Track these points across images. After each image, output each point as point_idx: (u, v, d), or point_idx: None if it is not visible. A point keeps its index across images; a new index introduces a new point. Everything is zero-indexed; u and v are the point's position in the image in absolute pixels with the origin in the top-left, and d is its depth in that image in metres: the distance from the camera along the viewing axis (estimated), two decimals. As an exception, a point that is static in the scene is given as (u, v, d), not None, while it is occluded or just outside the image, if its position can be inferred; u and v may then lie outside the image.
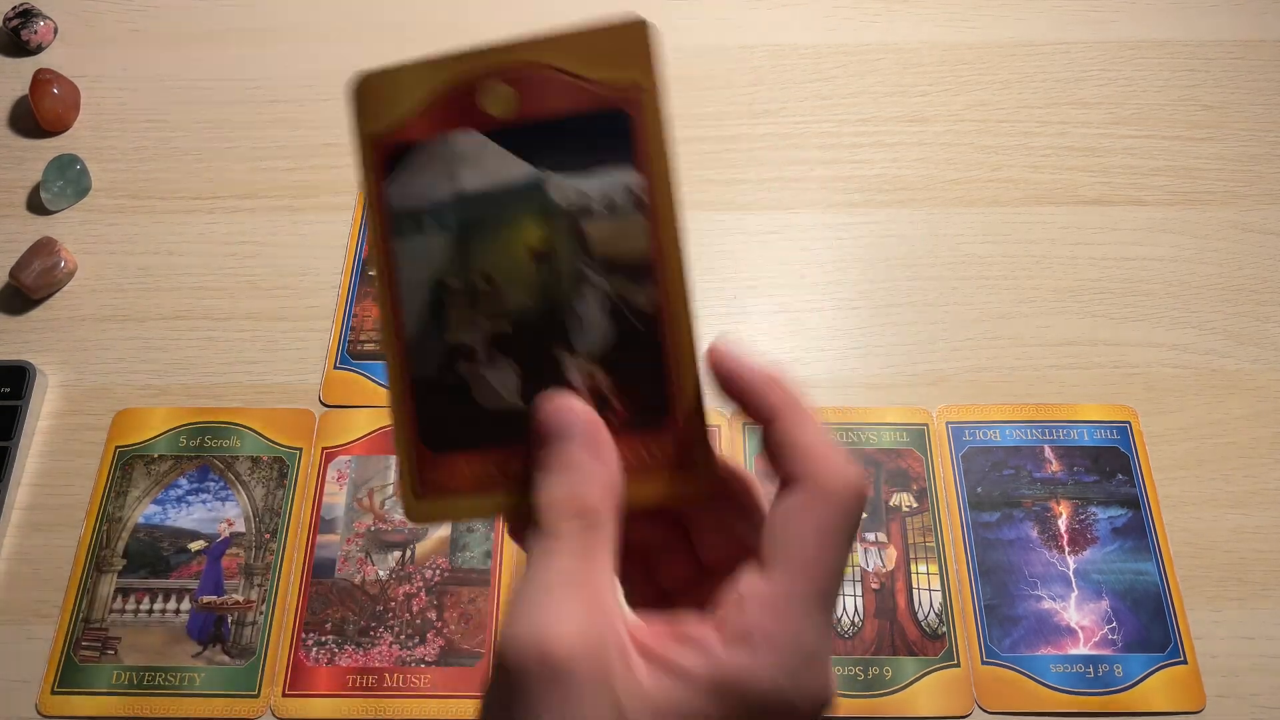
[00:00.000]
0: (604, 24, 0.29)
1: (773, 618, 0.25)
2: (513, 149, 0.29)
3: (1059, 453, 0.51)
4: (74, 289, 0.57)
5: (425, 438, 0.30)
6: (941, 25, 0.66)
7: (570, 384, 0.29)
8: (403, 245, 0.30)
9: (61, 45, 0.67)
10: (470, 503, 0.29)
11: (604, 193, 0.29)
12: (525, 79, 0.30)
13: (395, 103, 0.30)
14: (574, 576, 0.25)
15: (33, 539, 0.50)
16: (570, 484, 0.27)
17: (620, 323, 0.29)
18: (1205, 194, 0.59)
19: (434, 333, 0.30)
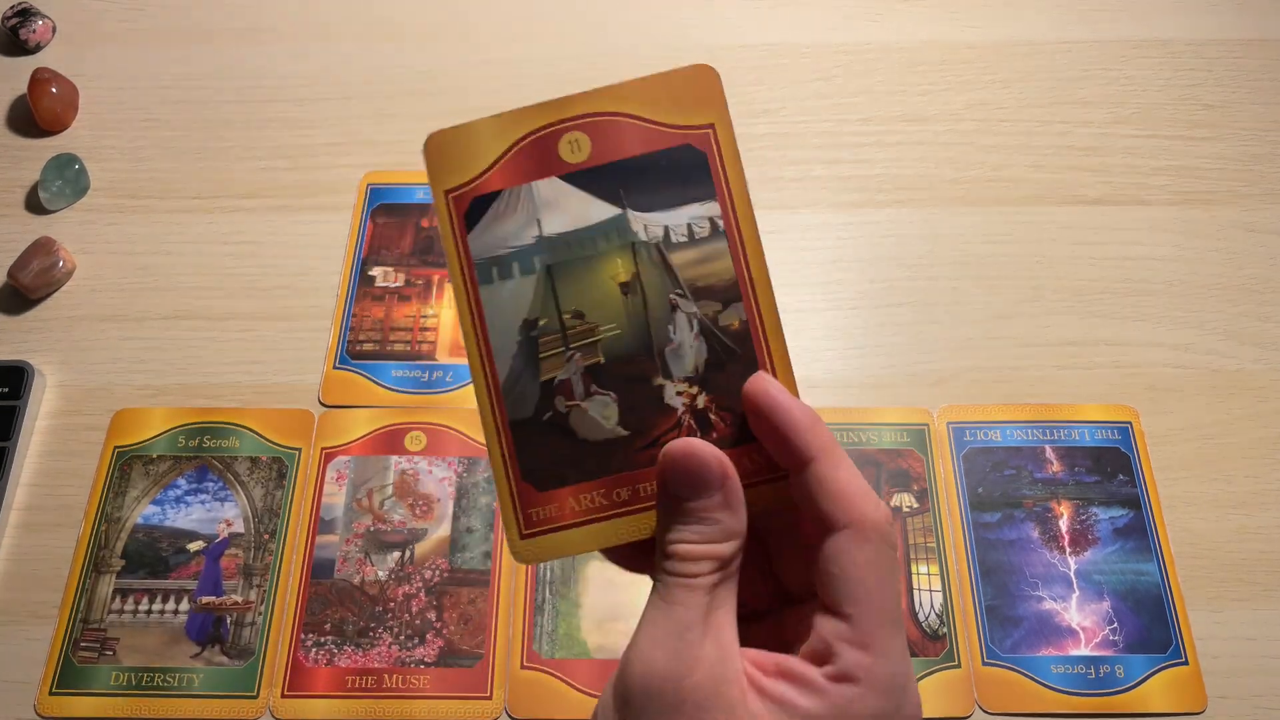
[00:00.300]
0: (674, 73, 0.32)
1: (868, 655, 0.27)
2: (592, 191, 0.31)
3: (1060, 453, 0.51)
4: (72, 289, 0.57)
5: (528, 477, 0.31)
6: (942, 25, 0.66)
7: (670, 406, 0.31)
8: (489, 292, 0.31)
9: (60, 44, 0.66)
10: (578, 535, 0.31)
11: (685, 223, 0.31)
12: (599, 126, 0.32)
13: (471, 157, 0.32)
14: (707, 620, 0.28)
15: (31, 539, 0.50)
16: (709, 535, 0.29)
17: (713, 343, 0.31)
18: (1207, 193, 0.59)
19: (528, 374, 0.31)
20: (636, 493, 0.30)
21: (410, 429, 0.52)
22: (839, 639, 0.28)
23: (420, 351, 0.54)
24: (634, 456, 0.31)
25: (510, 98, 0.67)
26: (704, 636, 0.27)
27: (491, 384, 0.31)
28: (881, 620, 0.28)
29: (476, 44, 0.65)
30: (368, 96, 0.63)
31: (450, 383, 0.53)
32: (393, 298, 0.56)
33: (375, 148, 0.61)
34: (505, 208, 0.32)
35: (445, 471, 0.51)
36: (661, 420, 0.31)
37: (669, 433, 0.31)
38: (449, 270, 0.32)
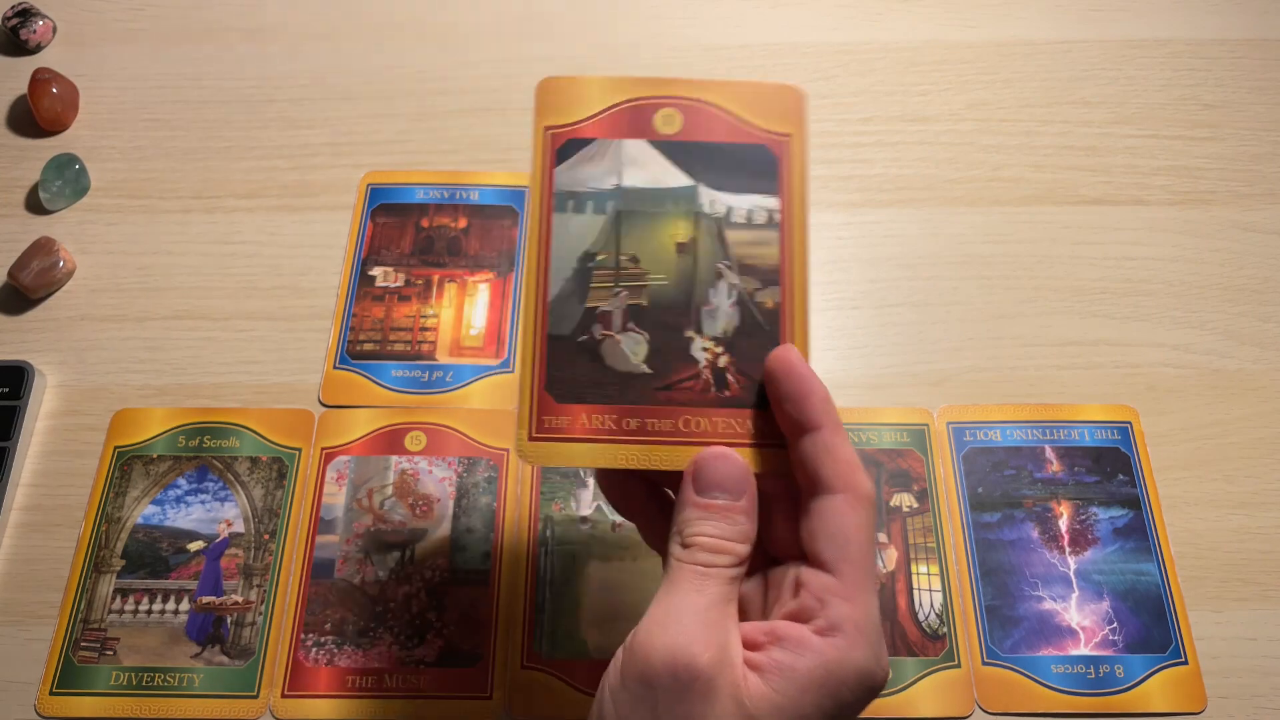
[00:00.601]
0: (768, 84, 0.36)
1: (854, 607, 0.30)
2: (673, 160, 0.35)
3: (1060, 453, 0.51)
4: (72, 289, 0.57)
5: (550, 388, 0.34)
6: (942, 24, 0.66)
7: (694, 358, 0.34)
8: (561, 220, 0.35)
9: (60, 44, 0.66)
10: (582, 449, 0.33)
11: (747, 209, 0.35)
12: (693, 109, 0.36)
13: (575, 105, 0.36)
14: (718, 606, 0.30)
15: (31, 539, 0.50)
16: (729, 534, 0.32)
17: (746, 314, 0.34)
18: (1207, 193, 0.59)
19: (575, 297, 0.35)
20: (644, 426, 0.34)
21: (410, 429, 0.52)
22: (828, 592, 0.30)
23: (420, 351, 0.54)
24: (651, 393, 0.34)
25: (510, 97, 0.68)
26: (715, 623, 0.30)
27: (541, 297, 0.34)
28: (865, 577, 0.31)
29: (476, 44, 0.65)
30: (368, 96, 0.63)
31: (450, 383, 0.53)
32: (393, 298, 0.56)
33: (375, 148, 0.61)
34: (594, 154, 0.36)
35: (445, 471, 0.51)
36: (684, 368, 0.34)
37: (687, 380, 0.34)
38: (530, 193, 0.36)
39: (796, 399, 0.32)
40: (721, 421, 0.34)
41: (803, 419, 0.32)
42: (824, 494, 0.31)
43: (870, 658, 0.30)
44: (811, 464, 0.32)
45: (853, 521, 0.31)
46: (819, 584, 0.31)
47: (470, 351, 0.54)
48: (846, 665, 0.29)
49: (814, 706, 0.29)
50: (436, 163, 0.61)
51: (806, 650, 0.30)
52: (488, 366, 0.54)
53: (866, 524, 0.31)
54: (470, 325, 0.55)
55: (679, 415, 0.34)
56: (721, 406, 0.34)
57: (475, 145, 0.61)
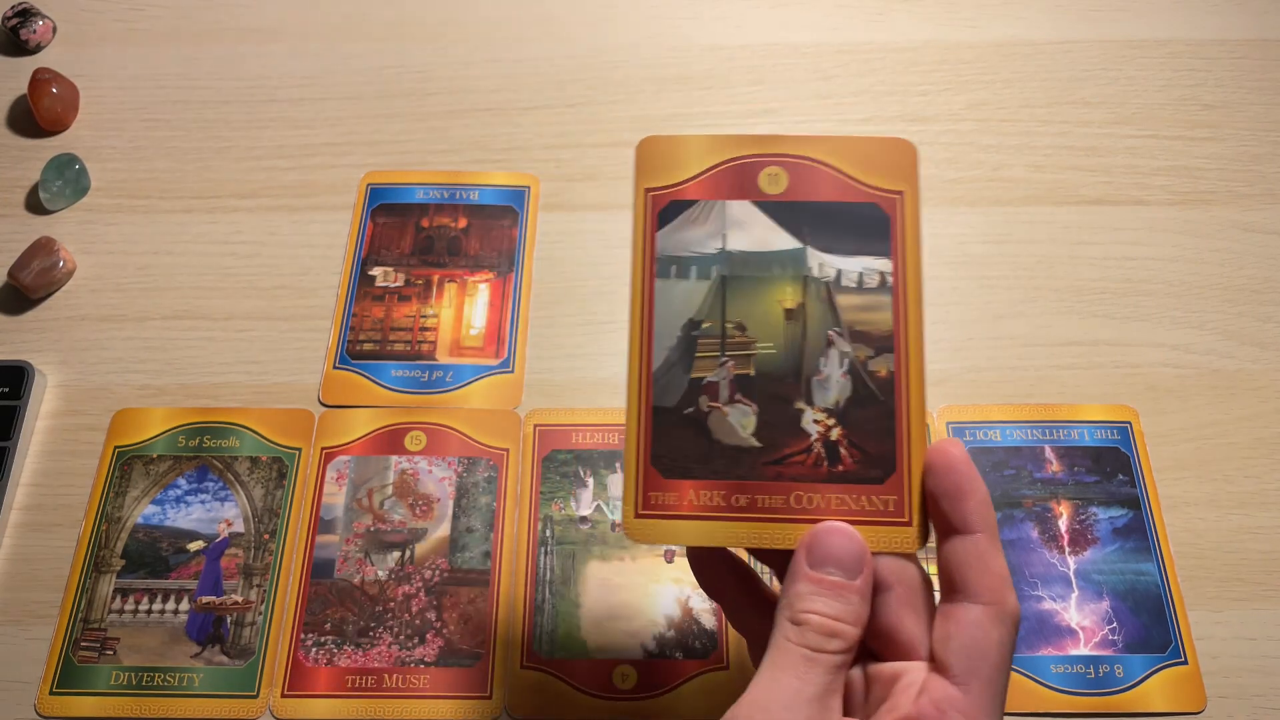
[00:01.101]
0: (876, 139, 0.34)
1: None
2: (779, 221, 0.34)
3: (1059, 453, 0.51)
4: (73, 289, 0.57)
5: (656, 462, 0.33)
6: (942, 25, 0.66)
7: (805, 431, 0.33)
8: (664, 286, 0.34)
9: (60, 44, 0.66)
10: (689, 527, 0.32)
11: (858, 271, 0.34)
12: (799, 167, 0.34)
13: (676, 165, 0.35)
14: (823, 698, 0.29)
15: (31, 539, 0.50)
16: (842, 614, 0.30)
17: (858, 385, 0.33)
18: (1207, 194, 0.59)
19: (680, 367, 0.33)
20: (754, 503, 0.32)
21: (410, 429, 0.52)
22: (952, 706, 0.29)
23: (420, 351, 0.54)
24: (760, 468, 0.32)
25: (510, 98, 0.68)
26: (819, 714, 0.29)
27: (645, 368, 0.33)
28: (995, 699, 0.29)
29: (476, 44, 0.66)
30: (368, 96, 0.63)
31: (450, 383, 0.53)
32: (393, 298, 0.56)
33: (375, 148, 0.61)
34: (697, 216, 0.34)
35: (445, 471, 0.51)
36: (794, 441, 0.33)
37: (798, 455, 0.32)
38: (632, 259, 0.34)
39: (954, 498, 0.31)
40: (835, 498, 0.32)
41: (958, 520, 0.31)
42: (967, 601, 0.30)
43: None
44: (959, 569, 0.30)
45: (994, 638, 0.29)
46: (943, 694, 0.29)
47: (470, 351, 0.54)
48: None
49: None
50: (436, 163, 0.61)
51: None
52: (488, 366, 0.54)
53: (1005, 642, 0.29)
54: (470, 325, 0.55)
55: (790, 491, 0.32)
56: (834, 482, 0.32)
57: (475, 145, 0.61)
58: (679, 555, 0.49)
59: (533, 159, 0.61)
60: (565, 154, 0.61)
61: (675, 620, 0.47)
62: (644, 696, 0.46)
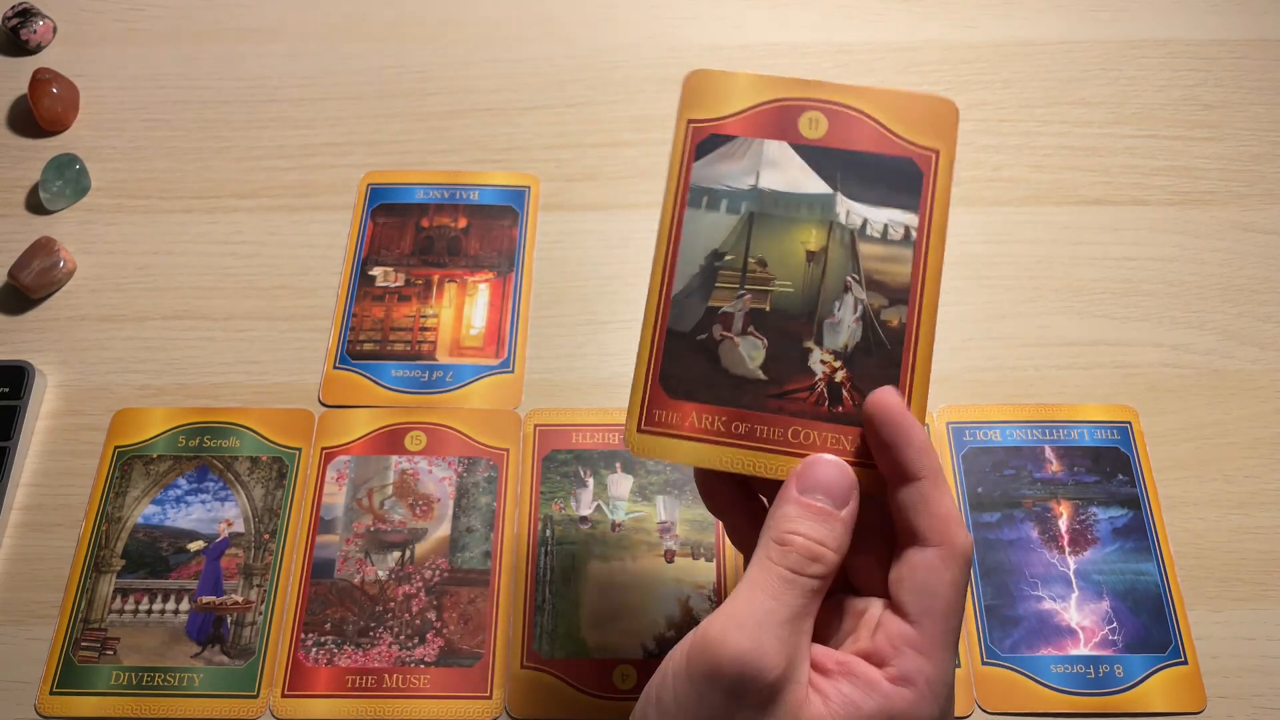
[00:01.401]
0: (920, 95, 0.35)
1: (929, 663, 0.30)
2: (813, 165, 0.35)
3: (1059, 453, 0.51)
4: (73, 289, 0.57)
5: (664, 381, 0.34)
6: (942, 25, 0.66)
7: (811, 370, 0.33)
8: (693, 215, 0.35)
9: (61, 45, 0.66)
10: (687, 447, 0.33)
11: (884, 223, 0.34)
12: (839, 115, 0.35)
13: (720, 101, 0.35)
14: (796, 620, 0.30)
15: (31, 539, 0.50)
16: (827, 539, 0.31)
17: (869, 332, 0.34)
18: (1206, 194, 0.59)
19: (699, 295, 0.34)
20: (753, 432, 0.33)
21: (410, 429, 0.52)
22: (905, 643, 0.30)
23: (420, 351, 0.54)
24: (763, 400, 0.33)
25: (510, 98, 0.68)
26: (789, 636, 0.29)
27: (664, 291, 0.34)
28: (947, 635, 0.30)
29: (476, 44, 0.66)
30: (368, 96, 0.63)
31: (450, 382, 0.53)
32: (393, 298, 0.56)
33: (375, 148, 0.61)
34: (733, 151, 0.35)
35: (445, 471, 0.51)
36: (799, 378, 0.34)
37: (801, 391, 0.33)
38: (666, 185, 0.35)
39: (895, 446, 0.31)
40: (831, 436, 0.33)
41: (901, 468, 0.31)
42: (918, 545, 0.31)
43: (936, 715, 0.30)
44: (908, 514, 0.31)
45: (945, 578, 0.30)
46: (898, 632, 0.30)
47: (470, 351, 0.54)
48: (911, 717, 0.29)
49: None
50: (436, 163, 0.61)
51: (875, 693, 0.29)
52: (488, 366, 0.54)
53: (958, 581, 0.30)
54: (470, 325, 0.55)
55: (788, 425, 0.33)
56: (832, 421, 0.33)
57: (475, 145, 0.61)
58: (679, 555, 0.49)
59: (533, 159, 0.61)
60: (565, 154, 0.61)
61: (675, 620, 0.47)
62: (644, 696, 0.46)
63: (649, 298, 0.35)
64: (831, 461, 0.32)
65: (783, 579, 0.30)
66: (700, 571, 0.48)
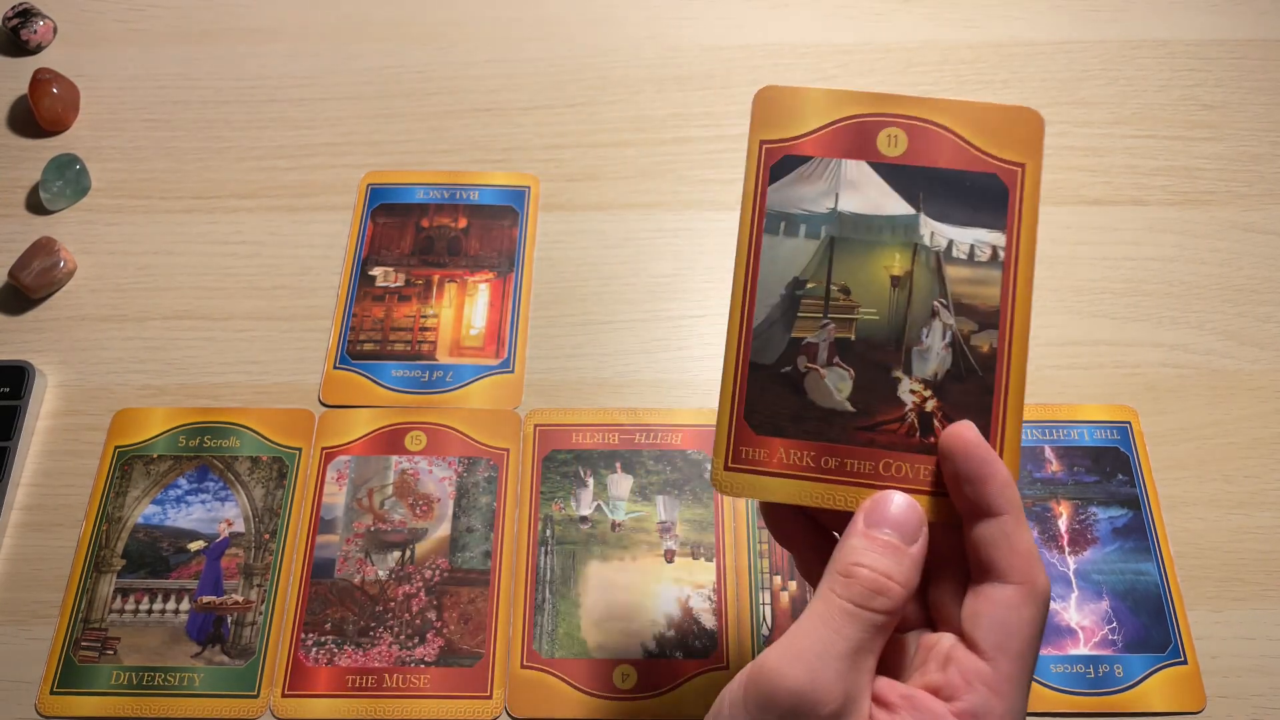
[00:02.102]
0: (1003, 107, 0.33)
1: (999, 700, 0.29)
2: (894, 185, 0.33)
3: (1059, 453, 0.51)
4: (73, 289, 0.57)
5: (749, 417, 0.33)
6: (941, 25, 0.66)
7: (901, 400, 0.32)
8: (771, 242, 0.34)
9: (61, 45, 0.66)
10: (777, 484, 0.33)
11: (970, 243, 0.33)
12: (919, 130, 0.34)
13: (793, 119, 0.34)
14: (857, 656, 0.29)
15: (32, 539, 0.50)
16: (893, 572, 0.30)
17: (959, 358, 0.32)
18: (1206, 194, 0.59)
19: (780, 325, 0.33)
20: (844, 466, 0.32)
21: (410, 429, 0.52)
22: (978, 678, 0.29)
23: (420, 351, 0.54)
24: (852, 433, 0.32)
25: (510, 98, 0.68)
26: (849, 671, 0.29)
27: (745, 323, 0.33)
28: (1022, 675, 0.29)
29: (477, 44, 0.66)
30: (368, 96, 0.63)
31: (450, 383, 0.53)
32: (393, 298, 0.56)
33: (375, 148, 0.61)
34: (810, 173, 0.34)
35: (445, 471, 0.51)
36: (889, 409, 0.32)
37: (892, 423, 0.32)
38: (741, 211, 0.34)
39: (975, 482, 0.30)
40: (924, 468, 0.32)
41: (983, 504, 0.30)
42: (997, 581, 0.30)
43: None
44: (989, 550, 0.30)
45: (1025, 615, 0.29)
46: (971, 667, 0.29)
47: (470, 351, 0.54)
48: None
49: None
50: (436, 163, 0.61)
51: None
52: (488, 366, 0.54)
53: (1037, 620, 0.30)
54: (470, 325, 0.55)
55: (880, 458, 0.32)
56: (924, 453, 0.32)
57: (475, 145, 0.61)
58: (679, 555, 0.49)
59: (533, 159, 0.61)
60: (565, 154, 0.61)
61: (675, 620, 0.47)
62: (644, 696, 0.46)
63: (729, 330, 0.33)
64: (900, 496, 0.31)
65: (844, 612, 0.29)
66: (700, 571, 0.48)
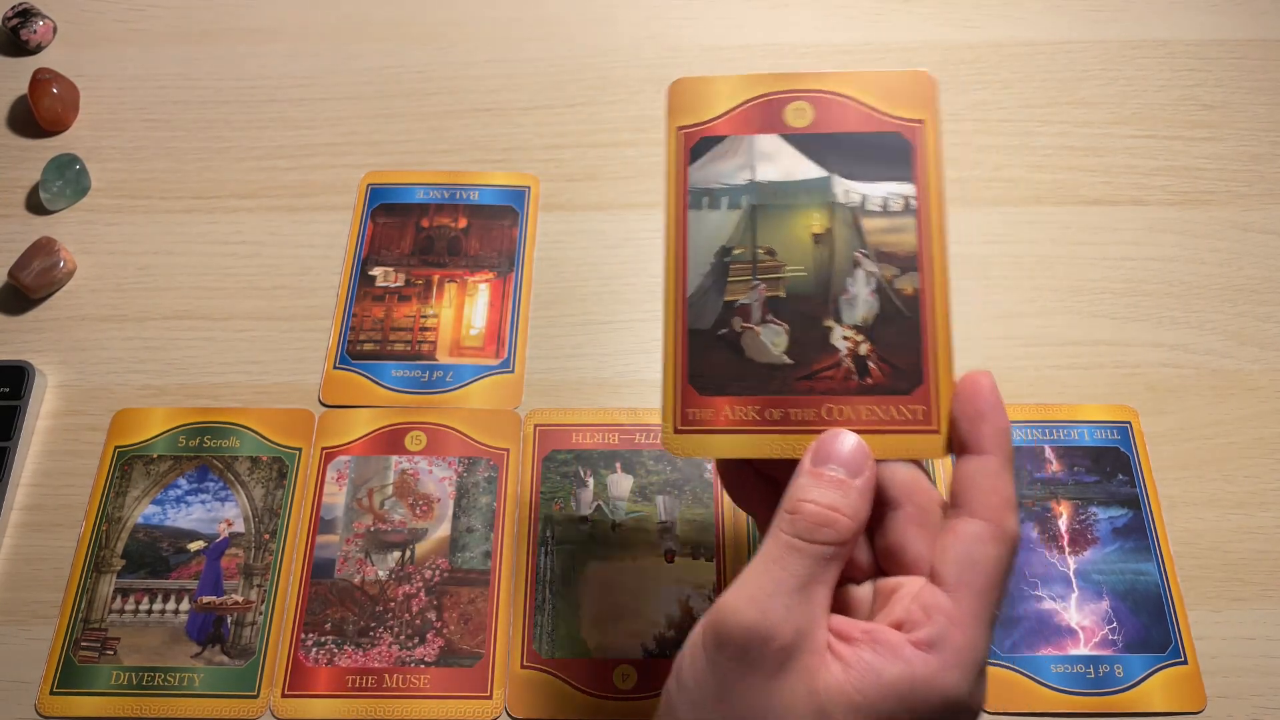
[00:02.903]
0: (897, 72, 0.36)
1: (959, 632, 0.29)
2: (805, 153, 0.36)
3: (1059, 453, 0.51)
4: (73, 289, 0.57)
5: (693, 381, 0.34)
6: (941, 25, 0.66)
7: (835, 347, 0.34)
8: (696, 217, 0.36)
9: (61, 45, 0.66)
10: (725, 440, 0.34)
11: (882, 196, 0.35)
12: (824, 101, 0.36)
13: (706, 104, 0.36)
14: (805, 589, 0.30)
15: (32, 539, 0.50)
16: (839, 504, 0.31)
17: (885, 302, 0.34)
18: (1206, 194, 0.59)
19: (714, 292, 0.35)
20: (788, 416, 0.34)
21: (410, 429, 0.52)
22: (938, 610, 0.29)
23: (420, 351, 0.54)
24: (792, 384, 0.34)
25: (510, 98, 0.68)
26: (798, 604, 0.29)
27: (680, 294, 0.35)
28: (983, 609, 0.29)
29: (477, 44, 0.66)
30: (368, 96, 0.63)
31: (450, 383, 0.53)
32: (393, 298, 0.56)
33: (375, 148, 0.61)
34: (726, 151, 0.36)
35: (445, 471, 0.51)
36: (824, 357, 0.34)
37: (829, 369, 0.34)
38: (666, 193, 0.36)
39: (973, 420, 0.32)
40: (865, 409, 0.33)
41: (973, 441, 0.31)
42: (968, 517, 0.31)
43: (962, 688, 0.29)
44: (966, 486, 0.31)
45: (990, 552, 0.30)
46: (932, 600, 0.30)
47: (470, 351, 0.54)
48: (934, 685, 0.28)
49: (887, 715, 0.28)
50: (436, 163, 0.61)
51: (898, 658, 0.29)
52: (488, 366, 0.54)
53: (1002, 559, 0.30)
54: (470, 325, 0.55)
55: (821, 404, 0.34)
56: (864, 394, 0.34)
57: (475, 145, 0.61)
58: (679, 555, 0.49)
59: (533, 159, 0.61)
60: (565, 154, 0.61)
61: (675, 620, 0.47)
62: (644, 696, 0.46)
63: (666, 302, 0.35)
64: (842, 433, 0.32)
65: (790, 547, 0.30)
66: (700, 571, 0.48)
